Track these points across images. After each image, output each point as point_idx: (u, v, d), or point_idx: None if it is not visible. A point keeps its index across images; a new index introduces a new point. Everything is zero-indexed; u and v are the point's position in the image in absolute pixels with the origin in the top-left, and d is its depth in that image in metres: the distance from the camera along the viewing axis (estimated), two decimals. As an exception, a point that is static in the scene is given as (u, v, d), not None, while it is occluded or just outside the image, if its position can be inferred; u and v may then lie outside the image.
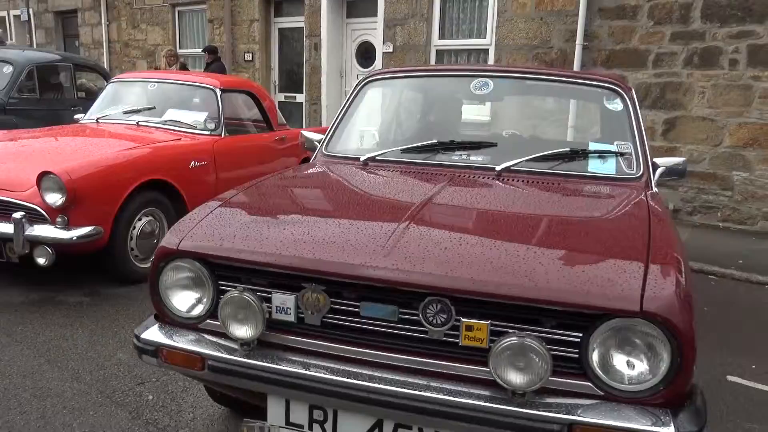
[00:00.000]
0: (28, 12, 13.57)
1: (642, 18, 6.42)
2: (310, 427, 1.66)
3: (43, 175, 3.28)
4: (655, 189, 2.44)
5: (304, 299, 1.64)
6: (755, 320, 3.88)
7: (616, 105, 2.63)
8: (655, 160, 2.58)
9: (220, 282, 1.74)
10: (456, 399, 1.49)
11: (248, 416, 1.81)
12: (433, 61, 8.09)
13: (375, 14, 8.51)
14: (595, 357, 1.46)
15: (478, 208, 2.06)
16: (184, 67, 9.60)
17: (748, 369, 3.11)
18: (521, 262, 1.55)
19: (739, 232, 6.01)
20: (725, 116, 6.05)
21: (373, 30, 8.66)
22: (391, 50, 8.38)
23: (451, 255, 1.59)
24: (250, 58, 10.06)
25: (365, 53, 9.03)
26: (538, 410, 1.44)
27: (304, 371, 1.61)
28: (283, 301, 1.66)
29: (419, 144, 2.58)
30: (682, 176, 2.62)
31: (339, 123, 2.88)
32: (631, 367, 1.46)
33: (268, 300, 1.67)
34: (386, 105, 3.08)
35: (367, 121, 3.00)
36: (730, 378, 3.00)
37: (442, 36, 8.05)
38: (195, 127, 4.57)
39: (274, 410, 1.69)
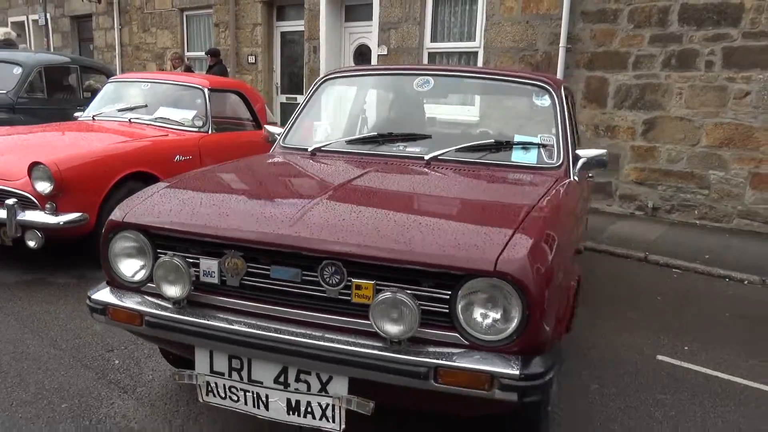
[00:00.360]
0: (45, 17, 14.08)
1: (622, 21, 6.61)
2: (230, 374, 1.92)
3: (33, 165, 3.60)
4: (574, 177, 2.67)
5: (225, 264, 1.90)
6: (702, 308, 4.06)
7: (544, 101, 2.87)
8: (578, 151, 2.81)
9: (158, 250, 2.01)
10: (346, 347, 1.75)
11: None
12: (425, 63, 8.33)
13: (371, 18, 8.79)
14: (461, 312, 1.70)
15: (389, 189, 2.32)
16: (189, 69, 9.95)
17: (680, 350, 3.31)
18: (405, 231, 1.81)
19: (716, 229, 6.16)
20: (702, 116, 6.22)
21: (369, 33, 8.93)
22: (385, 53, 8.64)
23: (346, 225, 1.85)
24: (253, 61, 10.40)
25: (362, 56, 9.30)
26: (410, 356, 1.69)
27: (224, 325, 1.88)
28: (209, 265, 1.93)
29: (361, 136, 2.85)
30: (603, 166, 2.84)
31: (297, 118, 3.15)
32: (490, 320, 1.70)
33: (197, 265, 1.94)
34: (341, 101, 3.34)
35: (324, 117, 3.27)
36: (659, 357, 3.21)
37: (434, 39, 8.29)
38: (183, 124, 4.88)
39: (201, 360, 1.95)
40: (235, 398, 1.93)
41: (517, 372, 1.61)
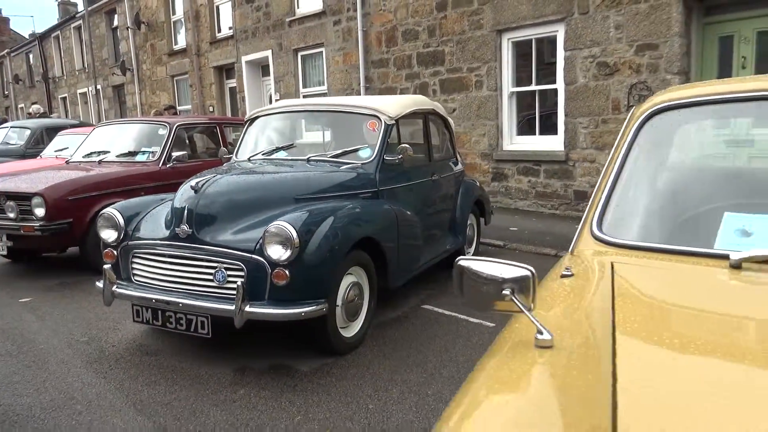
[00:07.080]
0: (96, 88, 18.95)
1: (391, 66, 9.60)
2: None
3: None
4: (167, 166, 5.91)
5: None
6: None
7: (163, 132, 6.14)
8: (173, 153, 6.04)
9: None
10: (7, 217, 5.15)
11: None
12: (301, 103, 11.62)
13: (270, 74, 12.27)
14: (35, 209, 5.05)
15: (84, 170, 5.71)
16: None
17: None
18: (37, 183, 5.19)
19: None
20: (436, 127, 9.01)
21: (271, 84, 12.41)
22: (278, 98, 12.05)
23: (27, 179, 5.27)
24: (212, 110, 14.21)
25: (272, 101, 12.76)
26: (15, 223, 5.06)
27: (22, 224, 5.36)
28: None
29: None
30: (184, 162, 6.03)
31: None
32: (40, 211, 5.02)
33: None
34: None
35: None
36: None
37: (305, 86, 11.61)
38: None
39: None
40: (-16, 249, 5.38)
41: (38, 224, 4.93)
